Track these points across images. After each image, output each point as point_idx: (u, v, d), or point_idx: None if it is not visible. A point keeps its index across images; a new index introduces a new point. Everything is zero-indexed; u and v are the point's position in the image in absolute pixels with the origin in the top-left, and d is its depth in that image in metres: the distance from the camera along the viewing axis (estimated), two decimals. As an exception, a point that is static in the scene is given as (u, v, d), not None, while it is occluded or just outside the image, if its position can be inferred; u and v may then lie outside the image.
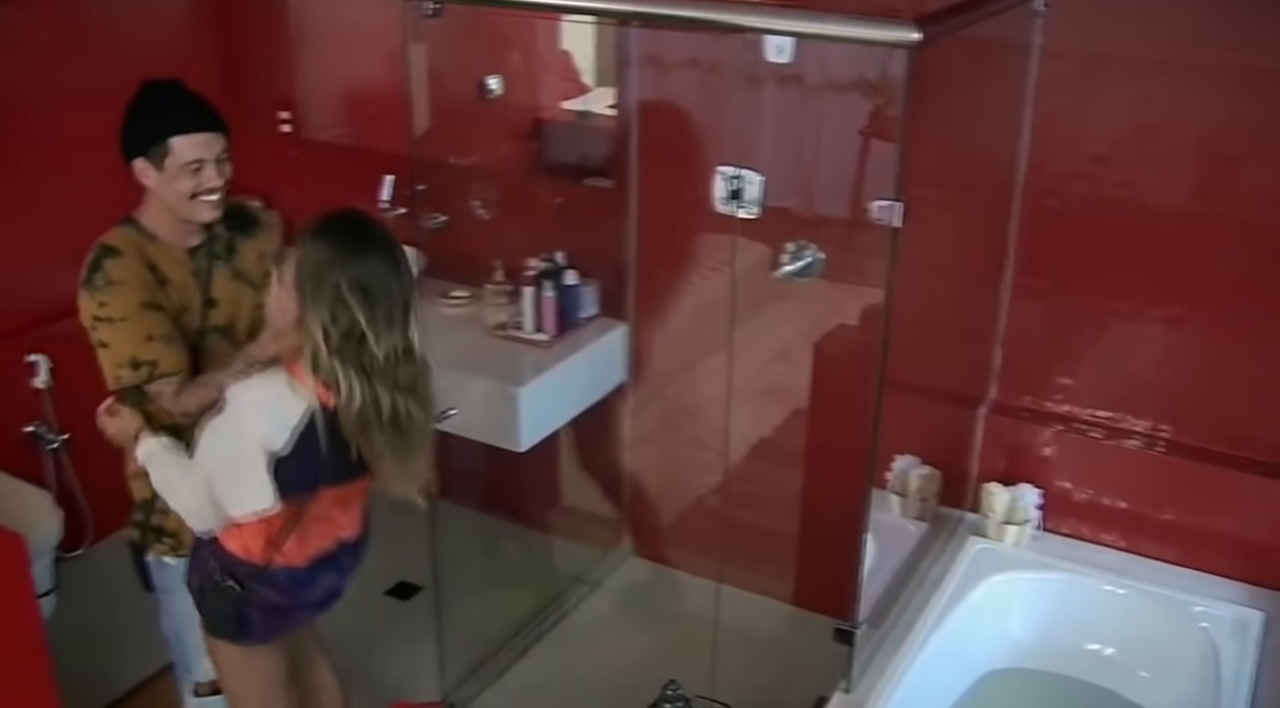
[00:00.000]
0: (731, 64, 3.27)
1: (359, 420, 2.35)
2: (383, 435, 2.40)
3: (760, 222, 3.28)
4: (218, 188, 2.58)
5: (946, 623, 3.10)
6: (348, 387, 2.32)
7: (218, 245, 2.72)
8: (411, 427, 2.44)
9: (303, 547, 2.53)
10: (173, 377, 2.56)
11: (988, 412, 3.41)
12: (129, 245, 2.58)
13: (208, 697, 3.00)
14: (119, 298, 2.51)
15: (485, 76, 3.62)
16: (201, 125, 2.55)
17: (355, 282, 2.28)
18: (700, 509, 3.98)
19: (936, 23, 2.25)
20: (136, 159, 2.55)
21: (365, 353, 2.32)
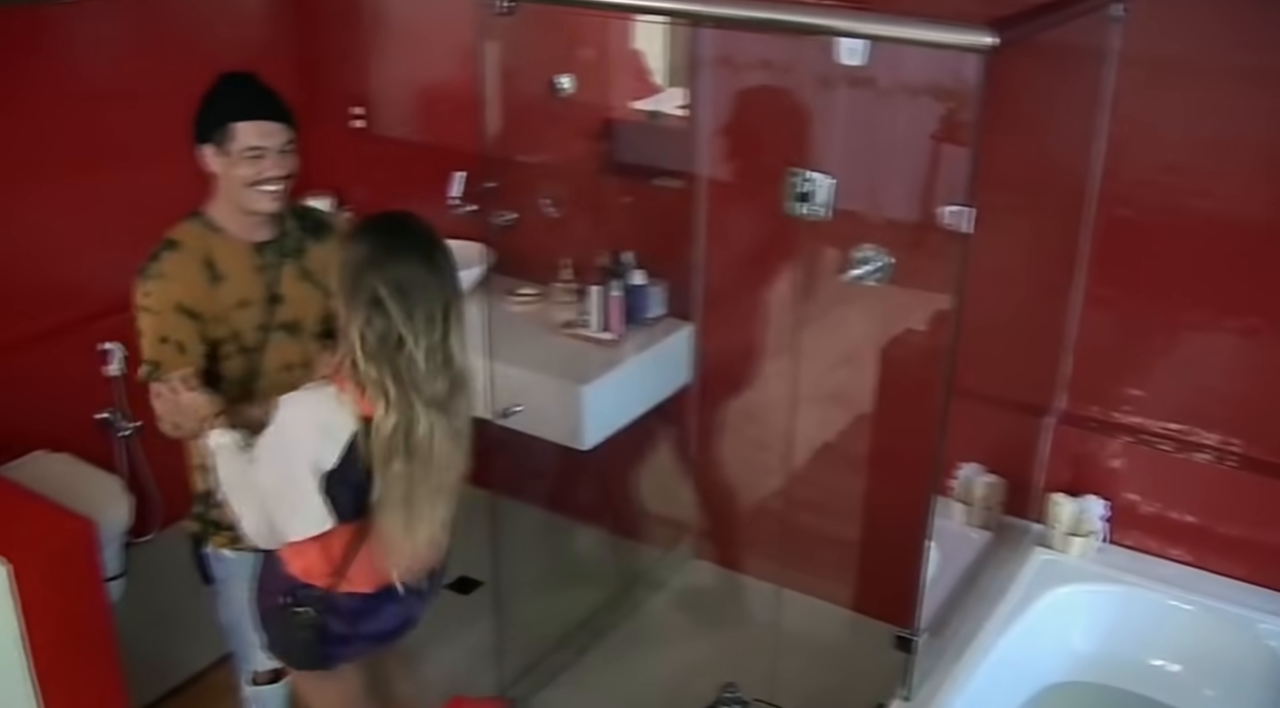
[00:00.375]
0: (803, 66, 3.25)
1: (389, 440, 2.28)
2: (402, 462, 2.31)
3: (829, 225, 3.26)
4: (277, 178, 2.60)
5: (1008, 634, 3.07)
6: (382, 395, 2.26)
7: (288, 243, 2.74)
8: (433, 457, 2.34)
9: (368, 573, 2.47)
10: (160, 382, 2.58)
11: (1055, 421, 3.37)
12: (191, 239, 2.63)
13: (264, 685, 3.03)
14: (160, 292, 2.57)
15: (557, 75, 3.63)
16: (265, 113, 2.58)
17: (391, 281, 2.24)
18: (763, 512, 3.97)
19: (1012, 27, 2.22)
20: (203, 145, 2.60)
21: (403, 357, 2.27)
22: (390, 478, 2.31)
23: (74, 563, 2.63)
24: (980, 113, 2.30)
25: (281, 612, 2.51)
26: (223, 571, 2.85)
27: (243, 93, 2.60)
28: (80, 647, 2.69)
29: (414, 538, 2.40)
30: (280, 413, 2.33)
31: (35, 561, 2.49)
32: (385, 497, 2.33)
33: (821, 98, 3.31)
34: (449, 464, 2.39)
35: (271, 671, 3.01)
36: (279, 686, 3.04)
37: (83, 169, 3.71)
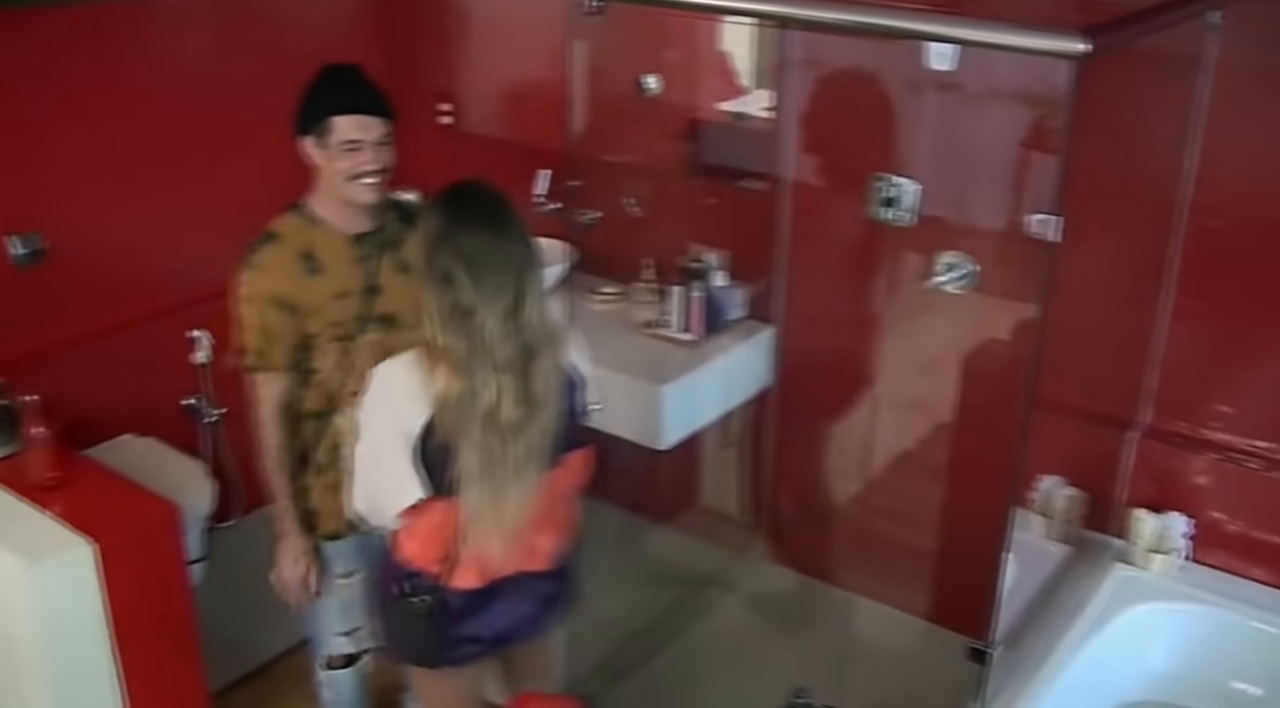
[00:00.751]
0: (892, 69, 3.23)
1: (458, 407, 2.29)
2: (478, 431, 2.30)
3: (914, 230, 3.24)
4: (374, 171, 2.63)
5: (1085, 650, 3.02)
6: (450, 363, 2.28)
7: (387, 235, 2.78)
8: (505, 424, 2.31)
9: (477, 567, 2.47)
10: (264, 372, 2.70)
11: (1139, 435, 3.31)
12: (291, 232, 2.69)
13: (338, 669, 3.09)
14: (257, 282, 2.65)
15: (643, 75, 3.64)
16: (363, 107, 2.62)
17: (459, 253, 2.26)
18: (838, 518, 3.95)
19: (1106, 34, 2.19)
20: (303, 137, 2.65)
21: (473, 326, 2.27)
22: (468, 448, 2.31)
23: (158, 546, 2.68)
24: (1071, 120, 2.26)
25: (396, 601, 2.52)
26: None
27: (343, 86, 2.66)
28: (162, 628, 2.74)
29: (501, 514, 2.37)
30: (373, 381, 2.39)
31: (121, 542, 2.54)
32: (466, 469, 2.32)
33: (909, 102, 3.28)
34: (529, 431, 2.36)
35: (345, 655, 3.07)
36: (352, 671, 3.10)
37: (176, 160, 3.78)
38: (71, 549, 2.48)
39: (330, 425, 2.76)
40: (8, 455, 2.76)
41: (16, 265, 3.45)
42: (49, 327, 3.57)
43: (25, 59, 3.37)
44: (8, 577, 2.47)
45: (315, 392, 2.76)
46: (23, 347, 3.47)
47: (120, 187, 3.66)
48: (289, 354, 2.69)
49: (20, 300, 3.48)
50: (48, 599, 2.46)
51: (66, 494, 2.67)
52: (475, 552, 2.43)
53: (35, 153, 3.44)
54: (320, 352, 2.72)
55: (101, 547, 2.50)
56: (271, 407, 2.72)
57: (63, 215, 3.52)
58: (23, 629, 2.52)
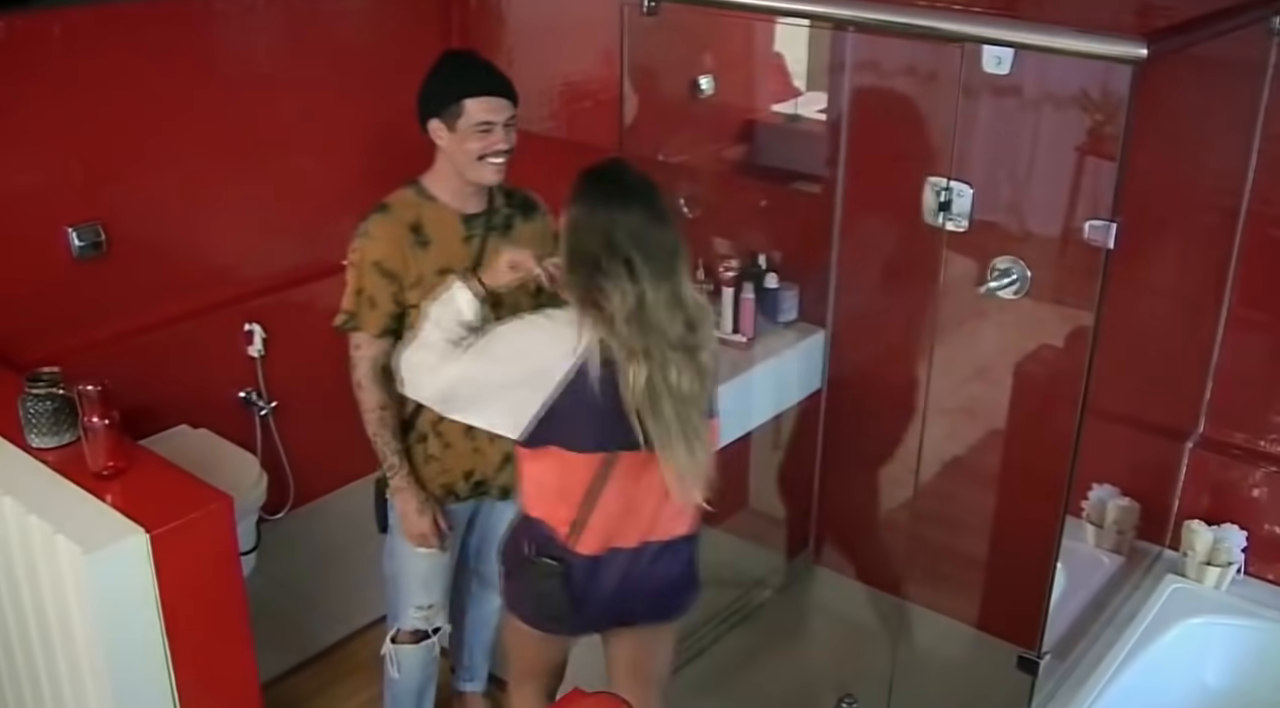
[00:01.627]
0: (947, 73, 3.20)
1: (647, 389, 2.36)
2: (670, 404, 2.39)
3: (968, 235, 3.21)
4: (504, 151, 2.75)
5: (1136, 662, 2.98)
6: (629, 349, 2.34)
7: (496, 219, 2.88)
8: (687, 393, 2.41)
9: (599, 535, 2.53)
10: (362, 334, 2.80)
11: (1194, 446, 3.27)
12: (401, 205, 2.80)
13: (403, 645, 3.12)
14: (364, 248, 2.76)
15: (697, 76, 3.64)
16: (494, 89, 2.73)
17: (625, 238, 2.32)
18: (888, 523, 3.92)
19: (1165, 39, 2.17)
20: (431, 120, 2.74)
21: (646, 310, 2.33)
22: (663, 422, 2.40)
23: (210, 536, 2.70)
24: (1129, 126, 2.24)
25: (526, 561, 2.60)
26: (394, 519, 2.98)
27: (472, 70, 2.76)
28: (213, 617, 2.76)
29: (697, 462, 2.47)
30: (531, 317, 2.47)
31: (174, 532, 2.56)
32: (665, 437, 2.41)
33: (965, 106, 3.26)
34: (701, 395, 2.47)
35: (415, 632, 3.11)
36: (420, 648, 3.13)
37: (234, 154, 3.82)
38: (126, 538, 2.50)
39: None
40: (66, 444, 2.79)
41: (77, 257, 3.50)
42: (107, 318, 3.62)
43: (88, 55, 3.42)
44: (63, 564, 2.51)
45: None
46: (82, 337, 3.53)
47: (179, 180, 3.71)
48: (383, 320, 2.78)
49: (80, 292, 3.53)
50: (102, 587, 2.48)
51: (122, 483, 2.69)
52: (601, 519, 2.52)
53: (96, 146, 3.49)
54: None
55: (155, 536, 2.52)
56: (365, 368, 2.81)
57: (122, 209, 3.57)
58: (76, 616, 2.55)
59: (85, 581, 2.47)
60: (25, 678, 2.85)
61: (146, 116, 3.59)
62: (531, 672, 2.89)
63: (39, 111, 3.36)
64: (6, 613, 2.79)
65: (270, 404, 3.98)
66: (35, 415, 2.76)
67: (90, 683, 2.63)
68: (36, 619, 2.69)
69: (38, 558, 2.58)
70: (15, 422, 2.80)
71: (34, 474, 2.72)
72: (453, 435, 2.90)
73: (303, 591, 3.92)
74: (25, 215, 3.39)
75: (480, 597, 3.35)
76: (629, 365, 2.34)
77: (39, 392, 2.76)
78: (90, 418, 2.63)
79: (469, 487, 2.98)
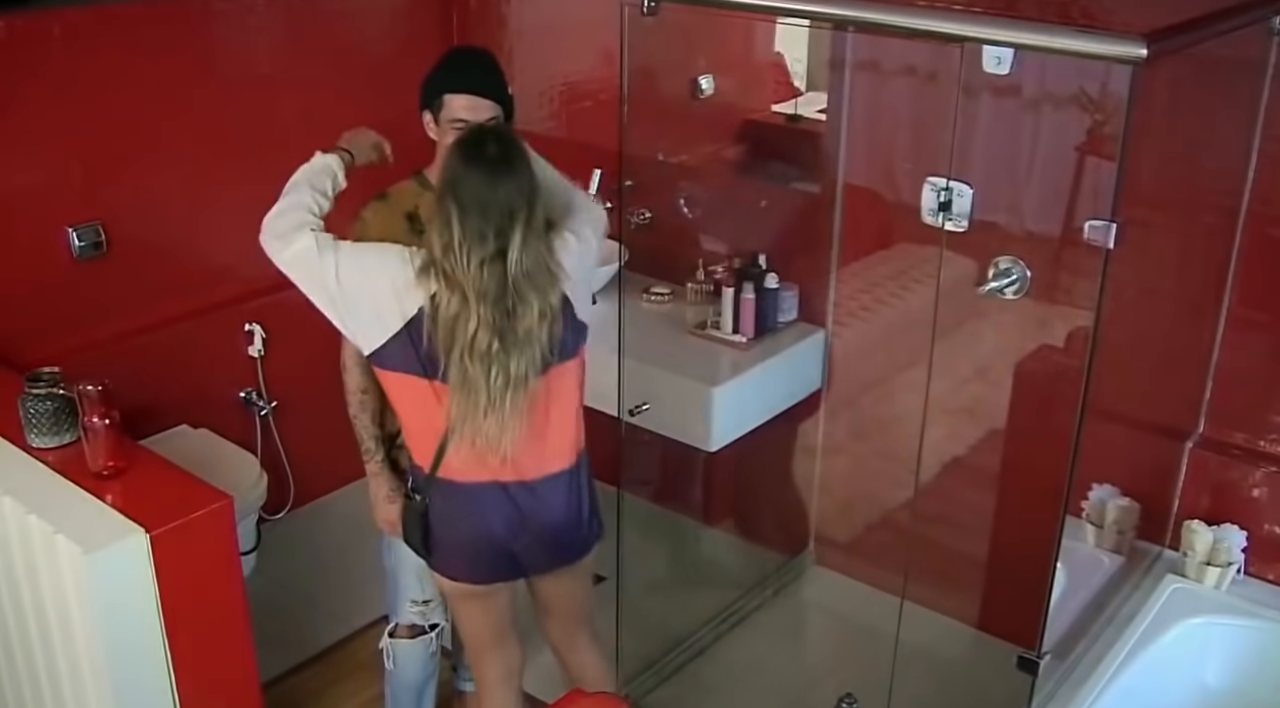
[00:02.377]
0: (947, 72, 3.20)
1: (448, 324, 2.44)
2: (459, 353, 2.45)
3: (967, 235, 3.21)
4: None
5: (1136, 662, 2.98)
6: (447, 285, 2.43)
7: None
8: (488, 358, 2.45)
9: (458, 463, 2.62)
10: None
11: (1194, 446, 3.27)
12: (400, 194, 2.83)
13: (400, 640, 3.14)
14: (357, 233, 2.77)
15: (697, 76, 3.64)
16: (475, 88, 2.74)
17: (456, 198, 2.41)
18: (887, 523, 3.92)
19: (1165, 39, 2.16)
20: (424, 111, 2.79)
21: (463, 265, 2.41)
22: (451, 365, 2.47)
23: (210, 536, 2.70)
24: (1128, 126, 2.24)
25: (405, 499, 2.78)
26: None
27: (461, 67, 2.79)
28: (213, 617, 2.76)
29: (476, 432, 2.52)
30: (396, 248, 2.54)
31: (174, 532, 2.56)
32: (451, 382, 2.49)
33: (964, 105, 3.26)
34: (510, 364, 2.48)
35: (411, 627, 3.12)
36: (417, 644, 3.14)
37: (234, 155, 3.83)
38: (126, 538, 2.50)
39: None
40: (66, 444, 2.79)
41: (77, 257, 3.50)
42: (108, 318, 3.63)
43: (88, 54, 3.42)
44: (63, 564, 2.51)
45: None
46: (82, 337, 3.53)
47: (179, 180, 3.71)
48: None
49: (80, 292, 3.54)
50: (102, 587, 2.48)
51: (122, 483, 2.69)
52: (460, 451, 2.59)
53: (96, 146, 3.50)
54: None
55: (155, 536, 2.52)
56: (350, 352, 2.82)
57: (122, 209, 3.58)
58: (76, 616, 2.55)
59: (85, 580, 2.47)
60: (25, 678, 2.85)
61: (147, 116, 3.59)
62: (480, 641, 2.93)
63: (39, 111, 3.37)
64: (6, 613, 2.79)
65: (270, 404, 3.99)
66: (35, 415, 2.76)
67: (90, 683, 2.63)
68: (36, 619, 2.69)
69: (38, 558, 2.58)
70: (15, 422, 2.80)
71: (34, 474, 2.72)
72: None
73: (303, 590, 3.92)
74: (26, 215, 3.40)
75: None
76: (446, 295, 2.43)
77: (39, 392, 2.77)
78: (90, 418, 2.64)
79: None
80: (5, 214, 3.35)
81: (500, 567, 2.78)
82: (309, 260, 2.53)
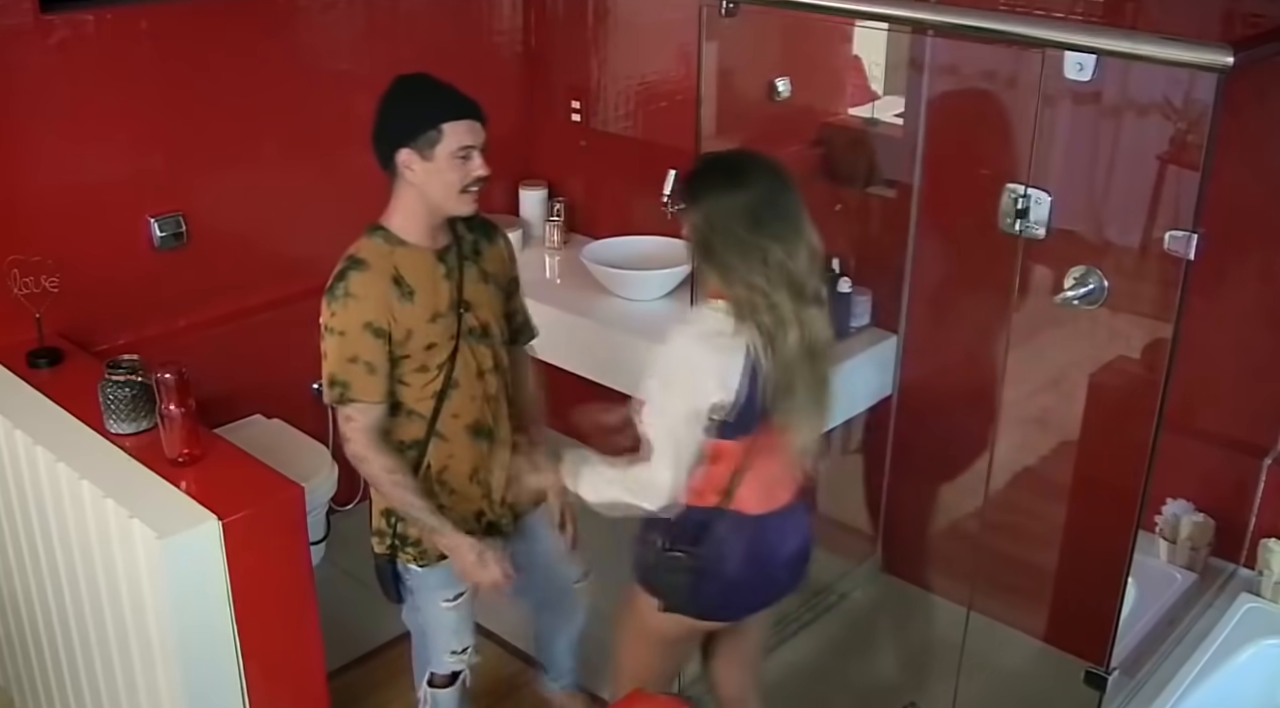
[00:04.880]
0: (1027, 78, 3.17)
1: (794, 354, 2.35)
2: (808, 366, 2.37)
3: (1045, 243, 3.18)
4: (484, 178, 2.56)
5: (1208, 682, 2.92)
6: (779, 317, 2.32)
7: (465, 246, 2.71)
8: (824, 348, 2.41)
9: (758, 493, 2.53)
10: (361, 403, 2.60)
11: (1272, 462, 3.20)
12: (376, 257, 2.58)
13: (440, 688, 3.05)
14: (347, 312, 2.55)
15: (774, 78, 3.62)
16: (470, 112, 2.53)
17: (757, 208, 2.32)
18: (956, 532, 3.89)
19: (1252, 46, 2.13)
20: (400, 151, 2.53)
21: (790, 276, 2.32)
22: (801, 385, 2.39)
23: (281, 525, 2.73)
24: (1212, 135, 2.20)
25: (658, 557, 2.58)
26: (413, 582, 2.89)
27: (439, 92, 2.55)
28: (282, 605, 2.79)
29: (819, 426, 2.50)
30: (668, 358, 2.42)
31: (246, 520, 2.60)
32: (799, 404, 2.40)
33: (1045, 112, 3.22)
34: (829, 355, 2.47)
35: (449, 674, 3.04)
36: (454, 689, 3.07)
37: (311, 148, 3.87)
38: (199, 524, 2.55)
39: (432, 451, 2.74)
40: (143, 431, 2.84)
41: (158, 247, 3.56)
42: (186, 307, 3.68)
43: (169, 48, 3.48)
44: (138, 548, 2.55)
45: (409, 422, 2.71)
46: (161, 326, 3.59)
47: (258, 174, 3.76)
48: (384, 383, 2.61)
49: (160, 281, 3.60)
50: (174, 571, 2.52)
51: (196, 471, 2.74)
52: (753, 483, 2.50)
53: (178, 138, 3.55)
54: (410, 384, 2.66)
55: (227, 523, 2.56)
56: (363, 439, 2.63)
57: (202, 200, 3.63)
58: (149, 599, 2.60)
59: (159, 565, 2.52)
60: (99, 658, 2.90)
61: (229, 110, 3.64)
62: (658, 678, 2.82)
63: (126, 103, 3.43)
64: (82, 594, 2.85)
65: (343, 396, 4.02)
66: (114, 402, 2.82)
67: (160, 665, 2.68)
68: (110, 601, 2.75)
69: (113, 541, 2.63)
70: (95, 407, 2.86)
71: (112, 459, 2.78)
72: (458, 482, 2.78)
73: (370, 582, 3.95)
74: (109, 205, 3.46)
75: (557, 600, 3.21)
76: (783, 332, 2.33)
77: (118, 378, 2.82)
78: (168, 405, 2.68)
79: (482, 529, 2.84)
80: (89, 204, 3.41)
81: (756, 601, 2.71)
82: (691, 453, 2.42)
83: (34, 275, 3.12)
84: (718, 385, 2.36)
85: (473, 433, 2.76)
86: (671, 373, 2.41)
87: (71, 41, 3.28)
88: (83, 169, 3.39)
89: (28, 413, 2.95)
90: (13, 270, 3.10)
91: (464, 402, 2.71)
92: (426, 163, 2.52)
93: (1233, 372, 3.12)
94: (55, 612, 2.99)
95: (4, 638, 3.35)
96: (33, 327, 3.16)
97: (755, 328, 2.33)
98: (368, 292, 2.54)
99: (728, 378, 2.36)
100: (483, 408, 2.77)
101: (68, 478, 2.70)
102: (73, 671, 3.04)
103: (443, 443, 2.73)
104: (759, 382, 2.35)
